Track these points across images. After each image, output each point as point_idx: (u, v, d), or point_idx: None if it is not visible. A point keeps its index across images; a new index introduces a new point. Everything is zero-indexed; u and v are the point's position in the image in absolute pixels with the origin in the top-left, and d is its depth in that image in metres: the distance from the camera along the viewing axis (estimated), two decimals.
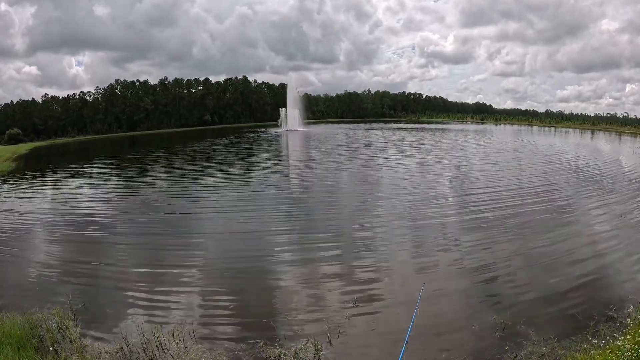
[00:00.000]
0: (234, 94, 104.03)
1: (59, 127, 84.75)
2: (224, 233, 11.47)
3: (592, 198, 14.18)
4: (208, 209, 14.30)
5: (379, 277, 7.96)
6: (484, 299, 7.01)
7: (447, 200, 14.52)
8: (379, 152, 30.80)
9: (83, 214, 14.17)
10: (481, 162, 24.70)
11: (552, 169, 21.14)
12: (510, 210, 12.48)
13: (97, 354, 5.54)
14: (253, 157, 30.71)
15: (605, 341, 5.09)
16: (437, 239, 10.23)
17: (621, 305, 6.33)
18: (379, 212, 13.04)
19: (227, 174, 23.00)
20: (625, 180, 17.19)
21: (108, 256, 9.73)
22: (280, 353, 5.46)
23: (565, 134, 52.45)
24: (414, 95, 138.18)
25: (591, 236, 10.13)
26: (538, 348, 5.34)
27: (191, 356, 5.47)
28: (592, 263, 8.34)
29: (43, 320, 6.23)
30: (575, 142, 40.00)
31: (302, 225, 11.84)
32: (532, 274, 8.00)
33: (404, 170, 21.63)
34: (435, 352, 5.48)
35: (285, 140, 46.18)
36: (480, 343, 5.68)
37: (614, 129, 60.51)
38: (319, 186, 18.14)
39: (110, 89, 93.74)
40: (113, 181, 22.40)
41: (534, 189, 15.97)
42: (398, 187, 16.85)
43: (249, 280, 8.19)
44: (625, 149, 33.12)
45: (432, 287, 7.50)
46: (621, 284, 7.36)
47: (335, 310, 6.68)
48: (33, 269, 8.98)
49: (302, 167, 25.19)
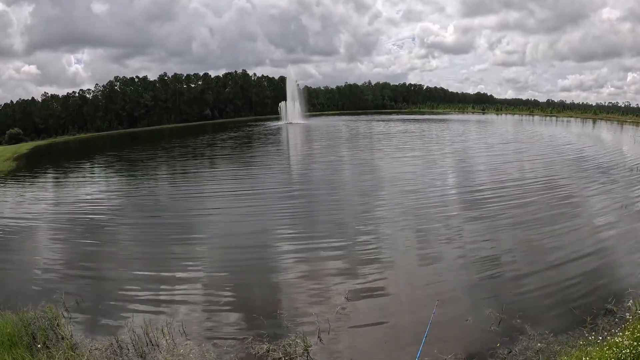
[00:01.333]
0: (234, 88, 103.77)
1: (60, 126, 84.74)
2: (216, 231, 11.41)
3: (592, 188, 14.03)
4: (206, 207, 14.25)
5: (372, 272, 7.87)
6: (479, 293, 6.93)
7: (450, 194, 14.44)
8: (387, 144, 30.65)
9: (78, 212, 14.17)
10: (486, 154, 24.53)
11: (555, 159, 20.98)
12: (511, 202, 12.38)
13: (88, 350, 5.57)
14: (250, 152, 30.55)
15: (602, 337, 5.00)
16: (438, 230, 10.16)
17: (621, 299, 6.24)
18: (379, 211, 12.95)
19: (223, 171, 22.94)
20: (626, 170, 17.04)
21: (102, 253, 9.77)
22: (269, 349, 5.42)
23: (567, 124, 52.05)
24: (414, 86, 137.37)
25: (591, 227, 10.02)
26: (533, 343, 5.26)
27: (180, 352, 5.47)
28: (592, 255, 8.22)
29: (36, 318, 6.30)
30: (578, 131, 39.70)
31: (296, 221, 11.76)
32: (530, 266, 7.90)
33: (411, 164, 21.50)
34: (427, 346, 5.40)
35: (285, 134, 46.07)
36: (474, 337, 5.60)
37: (615, 118, 59.95)
38: (320, 183, 18.03)
39: (109, 86, 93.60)
40: (110, 179, 22.37)
41: (534, 180, 15.84)
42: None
43: (239, 277, 8.14)
44: (627, 138, 32.89)
45: (427, 279, 7.47)
46: (621, 277, 7.25)
47: (325, 306, 6.62)
48: (27, 268, 9.01)
49: (303, 162, 25.09)
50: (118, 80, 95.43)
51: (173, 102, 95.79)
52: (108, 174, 24.07)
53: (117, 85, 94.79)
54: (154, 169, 24.56)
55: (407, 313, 6.38)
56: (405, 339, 5.66)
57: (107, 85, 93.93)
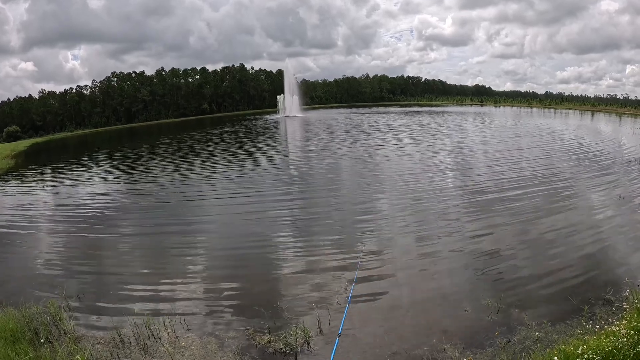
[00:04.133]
0: (232, 82, 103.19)
1: (57, 122, 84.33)
2: (215, 222, 11.49)
3: (590, 179, 14.11)
4: (207, 203, 14.29)
5: (374, 263, 7.91)
6: (477, 283, 6.99)
7: (448, 181, 14.49)
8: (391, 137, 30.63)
9: (78, 207, 14.19)
10: (484, 147, 24.56)
11: (555, 150, 21.07)
12: (509, 193, 12.46)
13: (91, 344, 5.60)
14: (245, 147, 30.49)
15: (600, 326, 5.03)
16: (437, 221, 10.22)
17: (618, 288, 6.28)
18: (376, 203, 12.98)
19: (221, 166, 22.93)
20: (624, 161, 17.09)
21: (103, 248, 9.80)
22: (270, 340, 5.47)
23: (565, 116, 52.11)
24: (412, 79, 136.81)
25: (589, 217, 10.10)
26: (532, 332, 5.30)
27: (182, 344, 5.53)
28: (590, 245, 8.29)
29: (38, 313, 6.33)
30: (577, 123, 39.74)
31: (297, 214, 11.78)
32: (528, 255, 7.96)
33: (410, 158, 21.52)
34: (425, 336, 5.47)
35: (284, 127, 46.01)
36: (472, 327, 5.65)
37: (614, 110, 59.93)
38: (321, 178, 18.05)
39: (107, 82, 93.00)
40: (109, 175, 22.35)
41: (533, 171, 15.90)
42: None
43: (239, 269, 8.19)
44: (626, 130, 32.90)
45: (426, 270, 7.53)
46: (619, 267, 7.30)
47: (326, 297, 6.67)
48: (28, 264, 9.02)
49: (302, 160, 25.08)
50: (115, 75, 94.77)
51: (171, 97, 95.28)
52: (107, 169, 24.03)
53: (115, 80, 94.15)
54: (153, 165, 24.55)
55: (407, 303, 6.43)
56: (405, 330, 5.72)
57: (104, 81, 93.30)
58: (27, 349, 5.31)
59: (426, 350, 5.13)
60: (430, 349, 5.15)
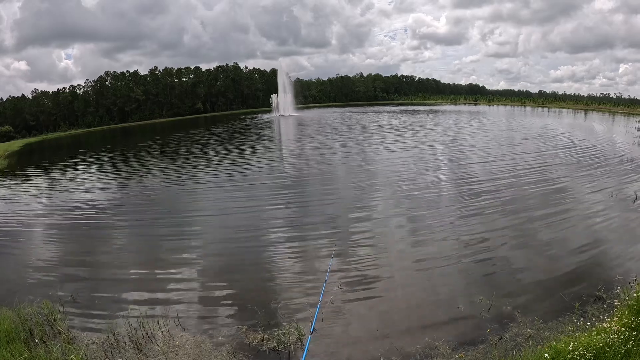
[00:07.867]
0: (225, 81, 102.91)
1: (51, 122, 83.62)
2: (207, 226, 11.43)
3: (583, 177, 14.24)
4: (200, 201, 14.30)
5: (367, 260, 7.96)
6: (470, 280, 7.06)
7: (440, 180, 14.56)
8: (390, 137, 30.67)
9: (72, 208, 14.12)
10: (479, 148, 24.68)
11: (547, 148, 21.21)
12: (503, 191, 12.59)
13: (85, 344, 5.61)
14: (242, 145, 30.44)
15: (591, 323, 5.08)
16: (430, 220, 10.28)
17: (610, 286, 6.34)
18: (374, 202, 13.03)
19: (216, 165, 22.88)
20: (616, 159, 17.26)
21: (97, 248, 9.78)
22: (263, 338, 5.50)
23: (558, 115, 52.36)
24: (406, 78, 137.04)
25: (581, 215, 10.19)
26: (523, 329, 5.36)
27: (176, 343, 5.55)
28: (583, 243, 8.37)
29: (32, 314, 6.33)
30: (570, 122, 39.97)
31: (290, 213, 11.82)
32: (520, 253, 8.04)
33: (405, 158, 21.59)
34: (418, 334, 5.51)
35: (277, 127, 45.88)
36: (464, 324, 5.71)
37: (607, 109, 60.39)
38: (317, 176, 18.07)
39: (100, 81, 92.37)
40: (102, 175, 22.22)
41: (526, 169, 16.01)
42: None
43: (233, 268, 8.20)
44: (618, 128, 33.13)
45: (419, 268, 7.59)
46: (610, 264, 7.37)
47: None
48: (22, 266, 8.99)
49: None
50: (109, 75, 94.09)
51: (164, 96, 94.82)
52: (101, 170, 23.90)
53: (108, 80, 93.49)
54: (146, 165, 24.44)
55: (400, 301, 6.48)
56: (398, 327, 5.76)
57: (97, 80, 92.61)
58: (22, 349, 5.30)
59: (419, 348, 5.17)
60: (423, 346, 5.20)
